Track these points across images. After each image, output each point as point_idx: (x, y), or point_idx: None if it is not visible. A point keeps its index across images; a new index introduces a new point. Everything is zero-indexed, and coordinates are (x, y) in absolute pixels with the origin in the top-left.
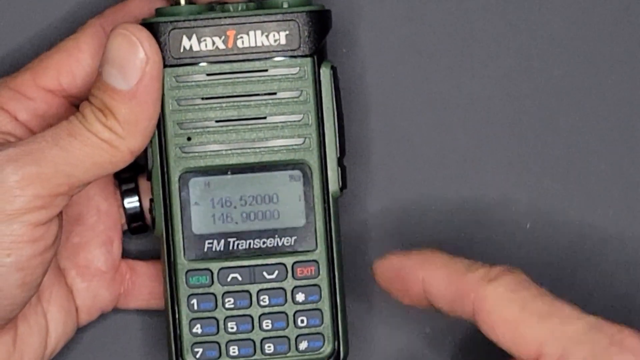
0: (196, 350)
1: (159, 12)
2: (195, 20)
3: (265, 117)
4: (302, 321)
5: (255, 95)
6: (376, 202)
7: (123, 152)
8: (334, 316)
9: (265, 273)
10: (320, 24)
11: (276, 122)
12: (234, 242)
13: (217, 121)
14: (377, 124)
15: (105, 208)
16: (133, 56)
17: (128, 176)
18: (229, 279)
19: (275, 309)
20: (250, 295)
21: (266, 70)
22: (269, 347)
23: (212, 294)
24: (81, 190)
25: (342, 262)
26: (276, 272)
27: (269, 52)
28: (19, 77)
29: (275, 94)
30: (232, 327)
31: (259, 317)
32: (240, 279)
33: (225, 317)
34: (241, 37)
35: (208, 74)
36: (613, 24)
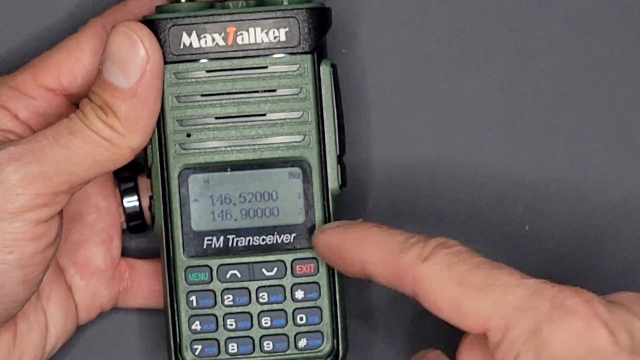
0: (195, 347)
1: (159, 9)
2: (195, 17)
3: (264, 114)
4: (301, 319)
5: (255, 92)
6: (375, 200)
7: (124, 149)
8: (333, 314)
9: (264, 270)
10: (320, 21)
11: (276, 119)
12: (233, 239)
13: (216, 118)
14: (377, 123)
15: (104, 206)
16: (134, 54)
17: (127, 175)
18: (228, 276)
19: (274, 306)
20: (250, 292)
21: (266, 67)
22: (268, 344)
23: (211, 290)
24: (82, 188)
25: None
26: (275, 270)
27: (269, 49)
28: (19, 76)
29: (274, 91)
30: (231, 324)
31: (258, 314)
32: (239, 275)
33: (224, 314)
34: (241, 34)
35: (208, 71)
36: (613, 24)
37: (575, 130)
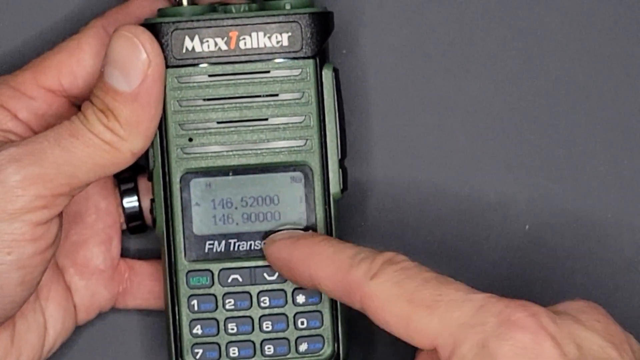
0: (196, 351)
1: (161, 12)
2: (198, 21)
3: (267, 119)
4: (302, 323)
5: (257, 96)
6: (376, 203)
7: (124, 153)
8: (334, 318)
9: (265, 274)
10: (323, 26)
11: (278, 124)
12: (234, 243)
13: (218, 122)
14: (378, 125)
15: (104, 207)
16: (135, 58)
17: (127, 176)
18: (229, 280)
19: (276, 310)
20: (251, 296)
21: (268, 71)
22: (269, 348)
23: (213, 294)
24: (82, 190)
25: None
26: (276, 274)
27: (271, 53)
28: (20, 76)
29: (277, 95)
30: (232, 328)
31: (259, 318)
32: (240, 280)
33: (226, 318)
34: (243, 39)
35: (210, 75)
36: (613, 24)
37: (575, 131)
